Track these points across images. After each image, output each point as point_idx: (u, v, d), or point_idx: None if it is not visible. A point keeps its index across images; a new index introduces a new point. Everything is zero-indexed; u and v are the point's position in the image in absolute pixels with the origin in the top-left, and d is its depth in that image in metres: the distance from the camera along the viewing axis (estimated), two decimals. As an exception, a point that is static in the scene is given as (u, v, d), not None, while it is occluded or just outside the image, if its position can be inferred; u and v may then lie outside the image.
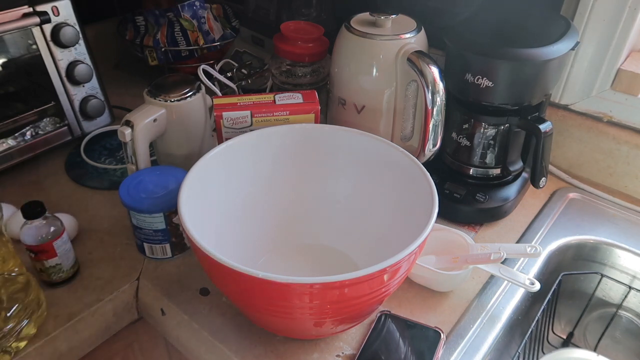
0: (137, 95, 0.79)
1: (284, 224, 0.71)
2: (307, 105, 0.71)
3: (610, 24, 0.76)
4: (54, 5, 0.81)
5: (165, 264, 0.71)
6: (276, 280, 0.46)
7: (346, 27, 0.75)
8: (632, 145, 0.80)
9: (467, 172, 0.78)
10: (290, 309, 0.50)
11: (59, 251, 0.64)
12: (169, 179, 0.69)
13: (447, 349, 0.60)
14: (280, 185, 0.70)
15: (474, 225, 0.77)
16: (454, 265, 0.65)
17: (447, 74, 0.70)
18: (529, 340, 0.67)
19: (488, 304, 0.66)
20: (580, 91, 0.83)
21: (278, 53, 0.87)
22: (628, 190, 0.83)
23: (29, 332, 0.60)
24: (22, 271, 0.60)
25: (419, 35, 0.73)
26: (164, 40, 1.05)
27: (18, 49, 0.82)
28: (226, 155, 0.64)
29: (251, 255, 0.68)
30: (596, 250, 0.76)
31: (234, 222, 0.66)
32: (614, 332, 0.77)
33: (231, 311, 0.64)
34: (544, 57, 0.64)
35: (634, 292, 0.74)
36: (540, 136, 0.69)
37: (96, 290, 0.67)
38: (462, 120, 0.75)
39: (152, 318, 0.69)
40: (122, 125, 0.71)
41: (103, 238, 0.75)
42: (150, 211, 0.65)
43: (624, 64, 0.81)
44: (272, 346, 0.60)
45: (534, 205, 0.81)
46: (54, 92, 0.85)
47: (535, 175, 0.73)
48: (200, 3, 1.06)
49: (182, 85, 0.76)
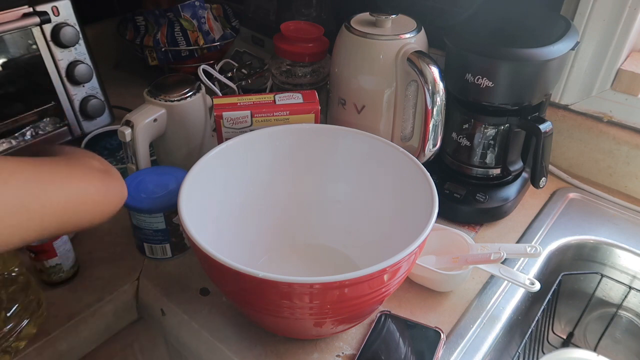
0: (137, 95, 0.78)
1: (284, 223, 0.71)
2: (307, 105, 0.71)
3: (610, 24, 0.76)
4: (54, 5, 0.81)
5: (165, 264, 0.71)
6: (276, 280, 0.46)
7: (346, 27, 0.75)
8: (632, 145, 0.80)
9: (467, 172, 0.78)
10: (290, 309, 0.50)
11: (59, 251, 0.64)
12: (169, 179, 0.69)
13: (447, 349, 0.60)
14: (280, 185, 0.70)
15: (474, 225, 0.77)
16: (454, 265, 0.65)
17: (447, 74, 0.70)
18: (529, 340, 0.67)
19: (488, 304, 0.66)
20: (580, 91, 0.83)
21: (278, 53, 0.87)
22: (628, 190, 0.83)
23: (29, 332, 0.60)
24: (22, 271, 0.60)
25: (419, 35, 0.73)
26: (164, 40, 1.05)
27: (18, 49, 0.82)
28: (226, 155, 0.64)
29: (251, 255, 0.68)
30: (596, 250, 0.76)
31: (234, 222, 0.66)
32: (614, 332, 0.77)
33: (231, 311, 0.64)
34: (544, 57, 0.64)
35: (634, 292, 0.74)
36: (540, 136, 0.69)
37: (96, 290, 0.67)
38: (462, 120, 0.75)
39: (152, 318, 0.69)
40: (122, 125, 0.71)
41: (103, 238, 0.75)
42: (150, 211, 0.65)
43: (624, 64, 0.81)
44: (272, 346, 0.60)
45: (534, 205, 0.81)
46: (54, 92, 0.85)
47: (535, 175, 0.73)
48: (200, 3, 1.06)
49: (182, 85, 0.76)
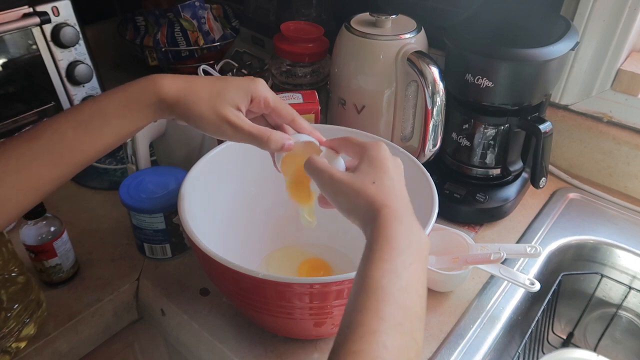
0: (137, 96, 0.78)
1: (284, 223, 0.71)
2: (307, 105, 0.71)
3: (610, 24, 0.76)
4: (54, 5, 0.81)
5: (165, 264, 0.71)
6: (276, 280, 0.46)
7: (346, 27, 0.75)
8: (632, 146, 0.80)
9: (467, 172, 0.78)
10: (290, 309, 0.50)
11: (59, 251, 0.64)
12: (169, 179, 0.69)
13: (447, 348, 0.60)
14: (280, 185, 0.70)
15: (474, 226, 0.77)
16: (454, 265, 0.65)
17: (447, 74, 0.70)
18: (529, 341, 0.67)
19: (488, 304, 0.66)
20: (580, 91, 0.83)
21: (278, 53, 0.87)
22: (628, 190, 0.83)
23: (29, 332, 0.60)
24: (22, 271, 0.60)
25: (419, 36, 0.73)
26: (164, 40, 1.05)
27: (18, 49, 0.82)
28: (226, 155, 0.64)
29: (251, 256, 0.68)
30: (596, 250, 0.76)
31: (234, 222, 0.66)
32: (614, 332, 0.77)
33: (231, 311, 0.64)
34: (544, 57, 0.64)
35: (634, 292, 0.73)
36: (540, 136, 0.69)
37: (96, 290, 0.67)
38: (462, 121, 0.75)
39: (152, 318, 0.69)
40: (122, 125, 0.71)
41: (103, 238, 0.75)
42: (150, 211, 0.65)
43: (624, 64, 0.81)
44: (272, 346, 0.60)
45: (534, 206, 0.81)
46: (54, 92, 0.85)
47: (535, 176, 0.73)
48: (200, 3, 1.06)
49: (182, 86, 0.75)
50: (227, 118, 0.47)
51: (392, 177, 0.43)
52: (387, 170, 0.44)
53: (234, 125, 0.47)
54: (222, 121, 0.47)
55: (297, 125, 0.52)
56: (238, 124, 0.48)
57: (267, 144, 0.48)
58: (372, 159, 0.44)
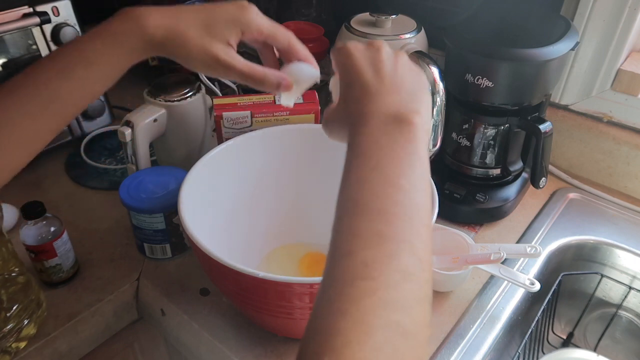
0: (137, 96, 0.78)
1: (284, 223, 0.71)
2: (307, 105, 0.71)
3: (610, 24, 0.76)
4: (54, 5, 0.81)
5: (165, 264, 0.71)
6: (276, 280, 0.46)
7: (346, 27, 0.75)
8: (632, 146, 0.80)
9: (467, 172, 0.78)
10: (290, 309, 0.50)
11: (59, 251, 0.64)
12: (169, 179, 0.69)
13: (447, 348, 0.60)
14: (280, 185, 0.70)
15: (474, 226, 0.77)
16: (454, 265, 0.65)
17: (447, 74, 0.70)
18: (529, 341, 0.67)
19: (488, 304, 0.66)
20: (580, 91, 0.83)
21: (278, 53, 0.87)
22: (628, 190, 0.83)
23: (29, 332, 0.60)
24: (22, 271, 0.60)
25: (419, 35, 0.73)
26: (164, 40, 1.05)
27: (18, 49, 0.82)
28: (226, 155, 0.64)
29: (251, 255, 0.68)
30: (596, 250, 0.76)
31: (234, 222, 0.66)
32: (614, 332, 0.77)
33: (231, 311, 0.64)
34: (544, 57, 0.64)
35: (634, 292, 0.73)
36: (540, 136, 0.69)
37: (96, 290, 0.67)
38: (462, 121, 0.75)
39: (152, 318, 0.69)
40: (122, 125, 0.71)
41: (103, 238, 0.75)
42: (150, 211, 0.65)
43: (624, 64, 0.81)
44: (272, 346, 0.60)
45: (534, 206, 0.81)
46: (54, 92, 0.85)
47: (535, 176, 0.73)
48: (200, 3, 1.06)
49: (182, 86, 0.76)
50: (218, 57, 0.45)
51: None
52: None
53: (224, 64, 0.46)
54: (213, 60, 0.45)
55: (293, 50, 0.50)
56: (229, 63, 0.46)
57: (261, 84, 0.47)
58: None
